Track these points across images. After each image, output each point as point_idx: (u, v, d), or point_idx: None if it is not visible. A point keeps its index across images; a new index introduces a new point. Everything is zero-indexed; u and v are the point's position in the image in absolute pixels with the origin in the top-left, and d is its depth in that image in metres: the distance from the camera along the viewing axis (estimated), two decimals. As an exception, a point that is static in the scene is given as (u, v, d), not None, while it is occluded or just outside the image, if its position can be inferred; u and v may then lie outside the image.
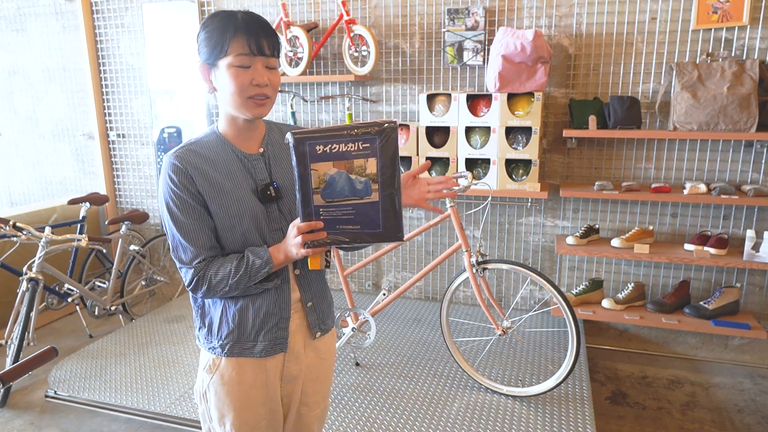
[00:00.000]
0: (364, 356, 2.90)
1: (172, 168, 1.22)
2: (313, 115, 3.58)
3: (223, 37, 1.18)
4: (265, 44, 1.20)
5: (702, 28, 2.78)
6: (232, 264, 1.22)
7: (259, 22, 1.21)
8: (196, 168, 1.23)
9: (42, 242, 2.95)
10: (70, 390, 2.65)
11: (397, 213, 1.13)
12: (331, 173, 1.12)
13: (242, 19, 1.19)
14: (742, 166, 2.88)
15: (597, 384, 2.84)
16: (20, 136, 4.43)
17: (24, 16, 4.14)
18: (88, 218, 3.69)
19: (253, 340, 1.31)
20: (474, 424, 2.30)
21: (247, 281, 1.22)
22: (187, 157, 1.24)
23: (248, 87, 1.19)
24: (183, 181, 1.22)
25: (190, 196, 1.22)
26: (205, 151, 1.26)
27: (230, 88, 1.20)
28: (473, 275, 2.48)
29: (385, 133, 1.09)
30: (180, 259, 1.25)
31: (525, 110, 2.92)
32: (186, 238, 1.23)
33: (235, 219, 1.25)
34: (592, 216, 3.16)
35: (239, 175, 1.27)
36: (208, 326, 1.33)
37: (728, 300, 2.84)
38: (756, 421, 2.53)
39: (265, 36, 1.20)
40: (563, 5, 2.98)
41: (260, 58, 1.20)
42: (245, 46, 1.18)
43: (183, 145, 1.27)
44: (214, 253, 1.26)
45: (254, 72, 1.19)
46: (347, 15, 3.13)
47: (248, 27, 1.18)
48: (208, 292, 1.24)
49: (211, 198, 1.24)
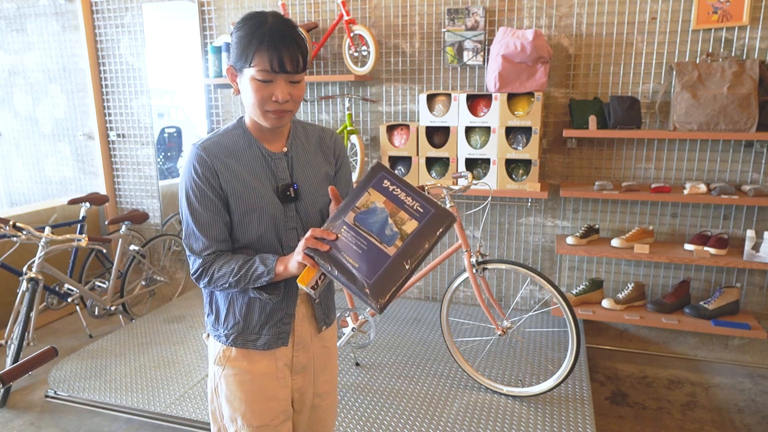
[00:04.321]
0: (364, 356, 2.90)
1: (197, 159, 1.24)
2: (313, 115, 3.58)
3: (247, 48, 1.17)
4: (288, 62, 1.17)
5: (702, 28, 2.78)
6: (237, 263, 1.23)
7: (284, 36, 1.17)
8: (221, 161, 1.25)
9: (42, 242, 2.95)
10: (70, 390, 2.65)
11: (395, 283, 1.11)
12: (377, 205, 1.16)
13: (269, 32, 1.16)
14: (742, 166, 2.88)
15: (597, 384, 2.84)
16: (20, 136, 4.43)
17: (24, 16, 4.14)
18: (88, 218, 3.69)
19: (257, 333, 1.32)
20: (474, 424, 2.30)
21: (245, 284, 1.23)
22: (214, 149, 1.25)
23: (268, 102, 1.20)
24: (206, 173, 1.23)
25: (210, 190, 1.24)
26: (232, 145, 1.28)
27: (250, 99, 1.21)
28: (473, 275, 2.48)
29: (440, 217, 1.13)
30: (190, 248, 1.27)
31: (525, 110, 2.92)
32: (200, 229, 1.25)
33: (254, 215, 1.26)
34: (592, 216, 3.16)
35: (262, 173, 1.28)
36: (215, 313, 1.35)
37: (728, 300, 2.84)
38: (756, 421, 2.53)
39: (289, 52, 1.17)
40: (563, 5, 2.98)
41: (282, 75, 1.18)
42: (266, 63, 1.16)
43: (210, 136, 1.28)
44: (224, 247, 1.28)
45: (275, 88, 1.19)
46: (347, 15, 3.13)
47: (272, 41, 1.16)
48: (209, 284, 1.26)
49: (234, 192, 1.25)
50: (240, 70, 1.21)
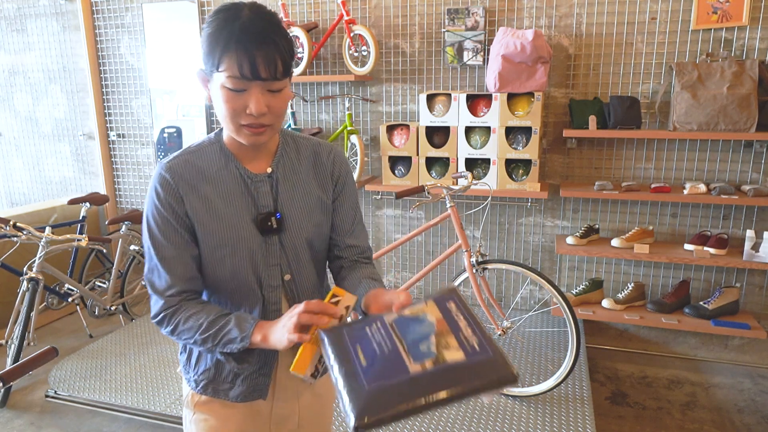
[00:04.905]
0: (364, 356, 2.89)
1: (160, 181, 1.05)
2: (313, 115, 3.58)
3: (214, 49, 0.96)
4: (263, 66, 0.95)
5: (702, 28, 2.78)
6: (207, 319, 1.04)
7: (259, 34, 0.95)
8: (189, 184, 1.06)
9: (42, 242, 2.95)
10: (70, 390, 2.65)
11: (394, 408, 0.84)
12: (428, 318, 0.92)
13: (240, 28, 0.94)
14: (741, 166, 2.88)
15: (597, 384, 2.84)
16: (20, 136, 4.43)
17: (24, 17, 4.14)
18: (88, 218, 3.69)
19: (230, 383, 1.15)
20: (474, 424, 2.30)
21: (212, 347, 1.04)
22: (180, 169, 1.07)
23: (241, 114, 0.99)
24: (170, 199, 1.05)
25: (174, 218, 1.05)
26: (204, 164, 1.08)
27: (221, 111, 1.00)
28: (473, 275, 2.48)
29: (497, 367, 0.83)
30: (152, 285, 1.07)
31: (525, 110, 2.92)
32: (163, 264, 1.06)
33: (226, 249, 1.07)
34: (592, 216, 3.16)
35: (239, 198, 1.09)
36: (188, 354, 1.19)
37: (728, 300, 2.84)
38: (756, 420, 2.53)
39: (264, 54, 0.95)
40: (563, 5, 2.98)
41: (257, 83, 0.97)
42: (235, 68, 0.95)
43: (179, 153, 1.09)
44: (192, 287, 1.09)
45: (249, 98, 0.98)
46: (347, 15, 3.13)
47: (243, 41, 0.94)
48: (171, 334, 1.07)
49: (201, 222, 1.07)
50: (209, 75, 1.00)
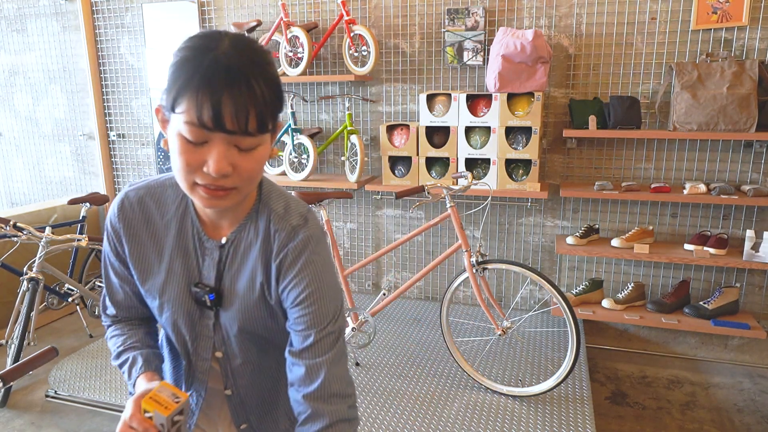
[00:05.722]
0: (364, 356, 2.90)
1: (111, 214, 0.97)
2: (312, 115, 3.58)
3: (173, 83, 0.76)
4: (229, 115, 0.74)
5: (702, 28, 2.78)
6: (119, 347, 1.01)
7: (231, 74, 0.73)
8: (131, 227, 0.95)
9: (42, 242, 2.95)
10: (70, 390, 2.65)
11: None
12: None
13: (210, 62, 0.73)
14: (741, 166, 2.88)
15: (597, 384, 2.84)
16: (20, 136, 4.43)
17: (24, 17, 4.14)
18: (88, 218, 3.69)
19: None
20: (474, 424, 2.30)
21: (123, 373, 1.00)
22: (129, 208, 0.95)
23: (196, 171, 0.78)
24: (112, 234, 0.97)
25: (115, 254, 0.99)
26: (157, 210, 0.95)
27: (174, 163, 0.80)
28: (473, 275, 2.48)
29: None
30: (102, 299, 1.07)
31: (525, 110, 2.92)
32: (107, 286, 1.04)
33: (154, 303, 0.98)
34: (592, 216, 3.16)
35: (180, 262, 0.94)
36: None
37: (728, 300, 2.84)
38: (755, 420, 2.53)
39: (234, 101, 0.73)
40: (563, 5, 2.98)
41: (221, 135, 0.76)
42: (193, 113, 0.74)
43: (142, 184, 0.97)
44: (131, 315, 1.05)
45: (209, 153, 0.77)
46: (347, 15, 3.13)
47: (209, 79, 0.73)
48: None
49: (135, 267, 0.98)
50: (167, 115, 0.79)
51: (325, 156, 3.61)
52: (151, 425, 0.84)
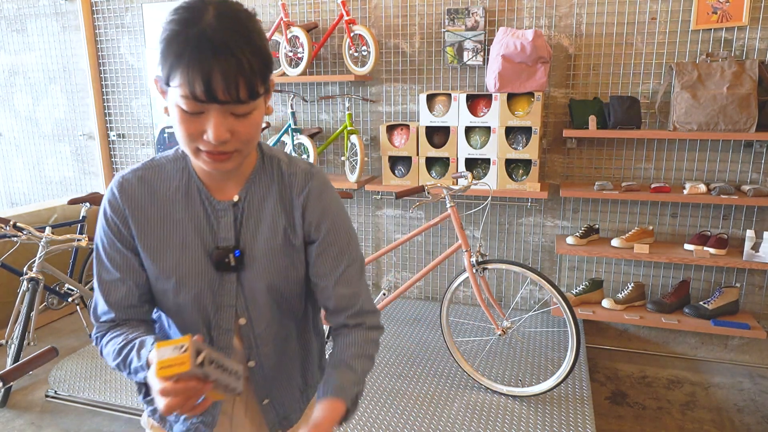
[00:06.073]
0: (364, 356, 2.90)
1: (109, 198, 0.94)
2: (312, 115, 3.58)
3: (165, 59, 0.79)
4: (220, 87, 0.77)
5: (702, 28, 2.78)
6: (120, 344, 0.92)
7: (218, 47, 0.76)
8: (138, 206, 0.94)
9: (42, 242, 2.95)
10: (70, 390, 2.65)
11: None
12: None
13: (197, 36, 0.76)
14: (741, 166, 2.88)
15: (597, 384, 2.84)
16: (20, 136, 4.43)
17: (24, 17, 4.14)
18: (88, 218, 3.69)
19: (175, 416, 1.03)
20: (474, 424, 2.30)
21: (128, 375, 0.91)
22: (130, 188, 0.94)
23: (197, 139, 0.83)
24: (116, 219, 0.93)
25: (120, 240, 0.94)
26: (160, 184, 0.95)
27: (176, 132, 0.84)
28: (473, 275, 2.48)
29: None
30: (93, 307, 0.98)
31: (525, 110, 2.92)
32: (102, 287, 0.95)
33: (170, 283, 0.94)
34: (592, 216, 3.16)
35: (195, 228, 0.94)
36: None
37: (728, 300, 2.84)
38: (755, 420, 2.53)
39: (223, 72, 0.76)
40: (563, 5, 2.98)
41: (215, 106, 0.80)
42: (186, 87, 0.77)
43: (137, 167, 0.96)
44: (131, 315, 0.97)
45: (207, 122, 0.81)
46: (347, 15, 3.13)
47: (197, 53, 0.76)
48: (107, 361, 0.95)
49: (146, 248, 0.94)
50: (164, 87, 0.83)
51: (325, 156, 3.61)
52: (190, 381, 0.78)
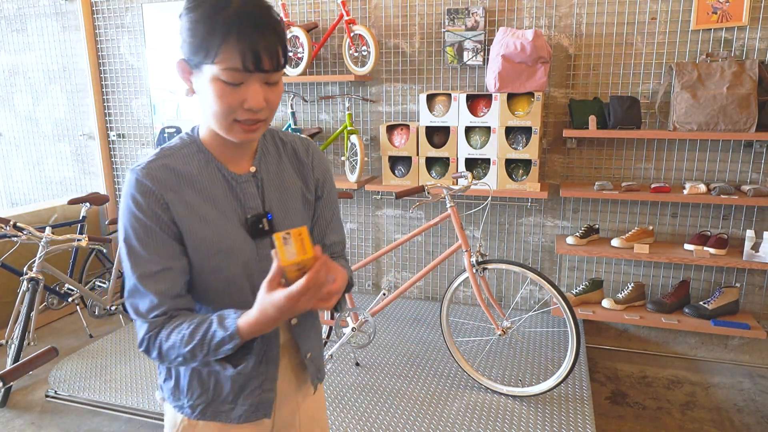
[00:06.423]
0: (364, 356, 2.90)
1: (139, 189, 0.93)
2: (312, 115, 3.58)
3: (208, 38, 0.86)
4: (266, 57, 0.88)
5: (702, 28, 2.78)
6: (188, 329, 0.91)
7: (259, 22, 0.87)
8: (171, 189, 0.95)
9: (42, 242, 2.95)
10: (70, 390, 2.65)
11: None
12: None
13: (238, 15, 0.86)
14: (741, 166, 2.88)
15: (597, 384, 2.84)
16: (20, 136, 4.43)
17: (24, 16, 4.14)
18: (88, 218, 3.69)
19: (231, 403, 1.06)
20: (474, 424, 2.30)
21: (204, 356, 0.91)
22: (159, 174, 0.95)
23: (238, 110, 0.90)
24: (153, 206, 0.93)
25: (160, 227, 0.94)
26: (184, 168, 0.98)
27: (213, 107, 0.91)
28: (473, 275, 2.48)
29: None
30: (135, 309, 0.94)
31: (525, 110, 2.92)
32: (145, 282, 0.93)
33: (220, 257, 0.97)
34: (592, 216, 3.16)
35: (224, 202, 0.99)
36: (175, 380, 1.06)
37: (728, 300, 2.84)
38: (755, 420, 2.53)
39: (267, 44, 0.87)
40: (563, 5, 2.98)
41: (258, 75, 0.89)
42: (238, 60, 0.86)
43: (154, 157, 0.97)
44: (180, 305, 0.96)
45: (247, 92, 0.89)
46: (347, 15, 3.13)
47: (244, 30, 0.86)
48: (160, 359, 0.94)
49: (189, 230, 0.96)
50: (197, 67, 0.90)
51: (325, 156, 3.61)
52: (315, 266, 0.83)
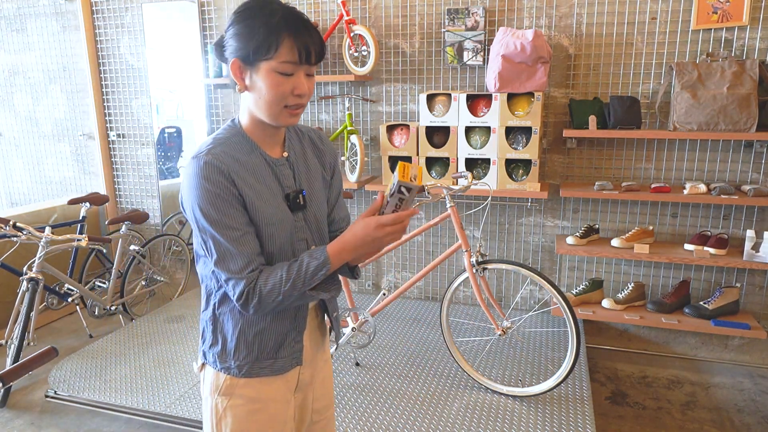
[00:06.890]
0: (364, 356, 2.90)
1: (210, 169, 1.10)
2: (313, 114, 3.58)
3: (270, 36, 1.06)
4: (314, 51, 1.09)
5: (702, 28, 2.78)
6: (283, 270, 1.12)
7: (306, 24, 1.09)
8: (235, 170, 1.13)
9: (42, 242, 2.95)
10: (70, 390, 2.65)
11: None
12: None
13: (288, 18, 1.07)
14: (741, 166, 2.88)
15: (597, 384, 2.84)
16: (20, 136, 4.43)
17: (24, 16, 4.14)
18: (88, 218, 3.69)
19: (273, 358, 1.23)
20: (474, 424, 2.30)
21: (302, 287, 1.11)
22: (223, 157, 1.12)
23: (288, 96, 1.10)
24: (225, 182, 1.10)
25: (234, 199, 1.11)
26: (237, 153, 1.15)
27: (268, 96, 1.10)
28: (473, 275, 2.48)
29: None
30: (229, 270, 1.12)
31: (525, 110, 2.92)
32: (235, 245, 1.11)
33: (272, 228, 1.16)
34: (592, 216, 3.16)
35: (270, 181, 1.19)
36: (222, 344, 1.22)
37: (728, 300, 2.84)
38: (756, 420, 2.53)
39: (313, 42, 1.09)
40: (563, 5, 2.98)
41: (305, 67, 1.10)
42: (294, 54, 1.07)
43: (212, 145, 1.14)
44: (262, 260, 1.16)
45: (296, 81, 1.10)
46: (347, 15, 3.13)
47: (298, 29, 1.07)
48: (260, 305, 1.12)
49: (251, 203, 1.14)
50: (253, 64, 1.09)
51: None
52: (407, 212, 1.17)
